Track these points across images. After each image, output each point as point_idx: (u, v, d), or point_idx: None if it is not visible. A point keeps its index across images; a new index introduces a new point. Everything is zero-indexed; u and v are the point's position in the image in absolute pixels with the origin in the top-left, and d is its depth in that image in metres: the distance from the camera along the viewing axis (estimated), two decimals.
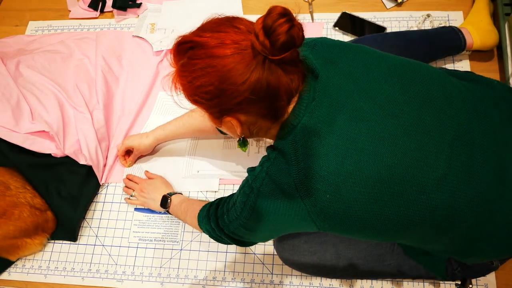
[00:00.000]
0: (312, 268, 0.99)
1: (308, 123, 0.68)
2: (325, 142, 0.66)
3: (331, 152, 0.66)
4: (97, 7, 1.64)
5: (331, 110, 0.68)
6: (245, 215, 0.75)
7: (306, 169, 0.66)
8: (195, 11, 1.57)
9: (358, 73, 0.72)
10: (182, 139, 1.31)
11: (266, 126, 0.73)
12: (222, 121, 0.72)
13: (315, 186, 0.66)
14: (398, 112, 0.68)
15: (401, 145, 0.66)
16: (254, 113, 0.69)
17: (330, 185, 0.65)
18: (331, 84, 0.70)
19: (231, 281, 1.11)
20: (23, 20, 1.69)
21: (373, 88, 0.70)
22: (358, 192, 0.65)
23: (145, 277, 1.15)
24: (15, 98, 1.29)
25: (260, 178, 0.71)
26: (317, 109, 0.68)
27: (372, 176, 0.65)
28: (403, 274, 0.95)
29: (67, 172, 1.24)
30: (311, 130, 0.67)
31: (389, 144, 0.66)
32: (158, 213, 1.22)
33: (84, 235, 1.22)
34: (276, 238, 1.03)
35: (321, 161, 0.66)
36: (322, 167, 0.65)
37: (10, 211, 1.13)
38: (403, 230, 0.69)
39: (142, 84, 1.43)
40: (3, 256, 1.18)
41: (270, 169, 0.71)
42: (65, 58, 1.45)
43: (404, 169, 0.65)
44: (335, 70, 0.72)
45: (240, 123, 0.71)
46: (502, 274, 1.04)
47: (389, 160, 0.65)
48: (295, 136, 0.68)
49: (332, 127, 0.67)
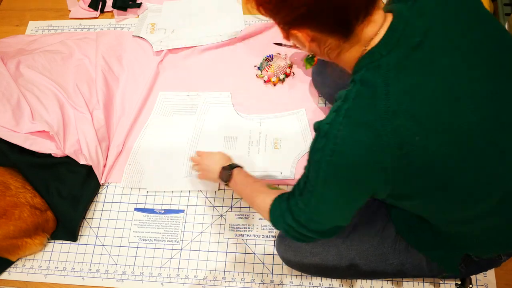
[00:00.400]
0: (314, 269, 0.99)
1: (403, 57, 0.62)
2: (423, 82, 0.61)
3: (428, 94, 0.60)
4: (97, 7, 1.64)
5: (433, 48, 0.62)
6: (321, 183, 0.67)
7: (398, 105, 0.59)
8: (195, 11, 1.57)
9: (469, 22, 0.65)
10: (182, 138, 1.31)
11: (336, 45, 0.67)
12: (290, 34, 0.67)
13: (404, 125, 0.59)
14: (502, 79, 0.64)
15: (503, 109, 0.63)
16: (320, 27, 0.63)
17: (421, 127, 0.60)
18: (434, 15, 0.64)
19: (231, 281, 1.11)
20: (23, 20, 1.69)
21: (481, 42, 0.64)
22: (447, 143, 0.61)
23: (145, 277, 1.15)
24: (15, 98, 1.29)
25: (337, 123, 0.63)
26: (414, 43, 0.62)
27: (466, 131, 0.61)
28: (405, 273, 0.95)
29: (67, 172, 1.24)
30: (407, 66, 0.61)
31: (490, 104, 0.62)
32: (158, 212, 1.22)
33: (84, 235, 1.22)
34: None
35: (415, 101, 0.60)
36: (415, 107, 0.60)
37: (10, 211, 1.13)
38: (476, 199, 0.67)
39: (142, 84, 1.43)
40: (3, 256, 1.18)
41: (352, 107, 0.62)
42: (65, 58, 1.45)
43: (500, 133, 0.63)
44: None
45: (307, 37, 0.65)
46: (502, 274, 1.04)
47: (486, 117, 0.62)
48: (388, 67, 0.61)
49: (431, 67, 0.61)
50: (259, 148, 1.27)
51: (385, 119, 0.59)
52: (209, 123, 1.34)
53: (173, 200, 1.23)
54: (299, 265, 1.00)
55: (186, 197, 1.23)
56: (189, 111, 1.37)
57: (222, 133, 1.31)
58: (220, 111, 1.35)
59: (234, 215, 1.19)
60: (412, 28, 0.63)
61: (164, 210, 1.22)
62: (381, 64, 0.62)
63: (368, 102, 0.61)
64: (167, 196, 1.24)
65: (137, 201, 1.25)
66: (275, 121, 1.31)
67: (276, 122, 1.31)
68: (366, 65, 0.64)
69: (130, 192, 1.26)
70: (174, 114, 1.37)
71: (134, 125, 1.37)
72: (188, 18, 1.56)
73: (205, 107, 1.36)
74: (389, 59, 0.62)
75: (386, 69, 0.61)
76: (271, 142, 1.27)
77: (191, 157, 1.17)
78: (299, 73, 1.38)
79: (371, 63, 0.63)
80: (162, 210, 1.22)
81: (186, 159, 1.27)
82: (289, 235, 0.80)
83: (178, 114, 1.37)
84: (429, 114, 0.60)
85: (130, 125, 1.36)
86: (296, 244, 0.97)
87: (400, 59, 0.61)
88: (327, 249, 0.95)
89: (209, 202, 1.22)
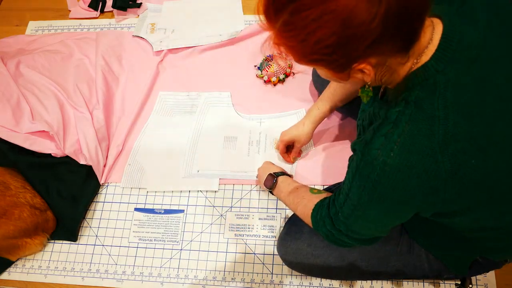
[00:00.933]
0: (316, 271, 0.99)
1: (461, 73, 0.56)
2: (481, 101, 0.56)
3: (486, 113, 0.56)
4: (97, 7, 1.64)
5: (490, 62, 0.57)
6: (364, 204, 0.64)
7: (456, 129, 0.55)
8: (195, 11, 1.57)
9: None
10: (182, 138, 1.31)
11: (396, 63, 0.58)
12: (351, 72, 0.58)
13: (462, 150, 0.56)
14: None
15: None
16: (387, 50, 0.55)
17: (479, 149, 0.56)
18: (487, 22, 0.59)
19: (231, 281, 1.11)
20: (23, 20, 1.69)
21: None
22: (502, 161, 0.59)
23: (145, 277, 1.15)
24: (15, 98, 1.29)
25: (388, 149, 0.58)
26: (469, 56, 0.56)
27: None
28: (406, 274, 0.95)
29: (67, 172, 1.24)
30: (465, 84, 0.56)
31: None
32: (158, 212, 1.22)
33: (84, 235, 1.22)
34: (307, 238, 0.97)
35: (474, 122, 0.56)
36: (474, 129, 0.56)
37: (10, 211, 1.13)
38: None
39: (142, 84, 1.43)
40: (3, 256, 1.18)
41: (405, 132, 0.57)
42: (65, 58, 1.45)
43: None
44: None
45: (372, 67, 0.57)
46: (502, 274, 1.03)
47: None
48: (446, 86, 0.56)
49: (489, 83, 0.57)
50: (259, 148, 1.27)
51: (443, 146, 0.56)
52: (209, 123, 1.34)
53: (173, 200, 1.23)
54: (301, 267, 1.00)
55: (186, 197, 1.23)
56: (189, 111, 1.37)
57: (222, 133, 1.31)
58: (220, 111, 1.35)
59: (234, 215, 1.19)
60: (468, 39, 0.57)
61: (164, 210, 1.22)
62: (437, 81, 0.56)
63: (424, 127, 0.56)
64: (167, 196, 1.24)
65: (137, 201, 1.25)
66: (275, 121, 1.31)
67: (276, 122, 1.31)
68: (420, 82, 0.58)
69: (130, 192, 1.26)
70: (174, 114, 1.37)
71: (134, 125, 1.37)
72: (188, 18, 1.56)
73: (205, 107, 1.36)
74: (447, 76, 0.56)
75: (444, 88, 0.56)
76: (271, 142, 1.27)
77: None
78: (299, 73, 1.38)
79: (425, 80, 0.57)
80: (162, 210, 1.22)
81: (186, 158, 1.27)
82: (329, 240, 0.79)
83: (178, 114, 1.37)
84: (486, 134, 0.57)
85: (130, 125, 1.36)
86: (297, 246, 0.97)
87: (458, 76, 0.56)
88: (328, 251, 0.94)
89: (209, 202, 1.22)
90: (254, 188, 1.22)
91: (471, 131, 0.56)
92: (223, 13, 1.53)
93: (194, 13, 1.57)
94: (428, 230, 0.84)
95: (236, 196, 1.21)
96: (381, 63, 0.58)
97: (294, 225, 1.01)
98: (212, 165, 1.26)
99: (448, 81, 0.56)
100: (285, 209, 1.18)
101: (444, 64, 0.56)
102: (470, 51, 0.57)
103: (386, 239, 0.91)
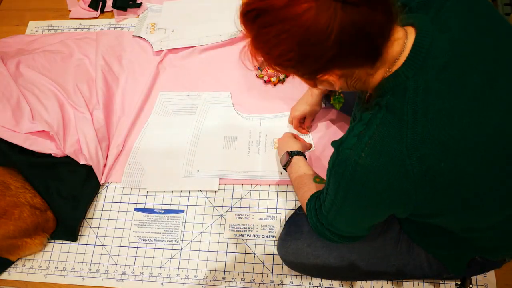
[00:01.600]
0: (316, 271, 0.99)
1: (430, 79, 0.58)
2: (451, 106, 0.58)
3: (456, 117, 0.58)
4: (97, 7, 1.64)
5: (460, 68, 0.59)
6: (339, 200, 0.67)
7: (424, 133, 0.57)
8: (195, 11, 1.57)
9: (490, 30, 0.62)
10: (182, 138, 1.31)
11: (364, 74, 0.63)
12: (317, 81, 0.64)
13: (430, 153, 0.57)
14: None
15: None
16: (350, 64, 0.59)
17: (447, 153, 0.58)
18: (460, 29, 0.60)
19: (231, 281, 1.11)
20: (23, 20, 1.69)
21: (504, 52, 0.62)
22: (472, 164, 0.59)
23: (145, 277, 1.15)
24: (15, 98, 1.29)
25: (359, 149, 0.61)
26: (441, 61, 0.58)
27: (491, 150, 0.59)
28: (406, 274, 0.95)
29: (67, 172, 1.24)
30: (435, 89, 0.58)
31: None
32: (158, 212, 1.22)
33: (84, 235, 1.22)
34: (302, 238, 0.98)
35: (443, 127, 0.57)
36: (443, 133, 0.57)
37: (10, 211, 1.13)
38: (499, 209, 0.66)
39: (142, 84, 1.43)
40: (3, 256, 1.18)
41: (376, 134, 0.60)
42: (65, 58, 1.45)
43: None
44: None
45: (337, 77, 0.61)
46: (502, 274, 1.04)
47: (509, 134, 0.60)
48: (415, 92, 0.58)
49: (459, 89, 0.58)
50: (259, 148, 1.27)
51: (411, 149, 0.57)
52: (209, 123, 1.34)
53: (173, 200, 1.23)
54: (301, 267, 1.00)
55: (186, 197, 1.23)
56: (189, 111, 1.37)
57: (222, 133, 1.31)
58: (220, 111, 1.35)
59: (234, 215, 1.19)
60: (438, 46, 0.59)
61: (164, 210, 1.22)
62: (407, 87, 0.59)
63: (393, 130, 0.59)
64: (167, 196, 1.24)
65: (137, 201, 1.25)
66: (275, 121, 1.31)
67: (276, 122, 1.31)
68: (392, 88, 0.61)
69: (130, 192, 1.26)
70: (174, 114, 1.37)
71: (134, 125, 1.37)
72: (188, 18, 1.56)
73: (205, 107, 1.36)
74: (416, 82, 0.58)
75: (414, 93, 0.58)
76: (271, 142, 1.27)
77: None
78: None
79: (397, 86, 0.60)
80: (162, 210, 1.22)
81: (186, 158, 1.27)
82: (317, 232, 0.83)
83: (178, 114, 1.37)
84: (456, 138, 0.58)
85: (130, 125, 1.36)
86: (297, 246, 0.97)
87: (427, 82, 0.58)
88: (328, 251, 0.94)
89: (209, 202, 1.22)
90: (254, 188, 1.22)
91: (440, 135, 0.57)
92: (223, 13, 1.53)
93: (194, 13, 1.57)
94: (424, 229, 0.85)
95: (236, 196, 1.21)
96: (347, 74, 0.62)
97: (294, 225, 1.01)
98: (212, 165, 1.26)
99: (418, 87, 0.58)
100: (285, 209, 1.18)
101: (414, 70, 0.59)
102: (440, 58, 0.59)
103: (386, 239, 0.91)
